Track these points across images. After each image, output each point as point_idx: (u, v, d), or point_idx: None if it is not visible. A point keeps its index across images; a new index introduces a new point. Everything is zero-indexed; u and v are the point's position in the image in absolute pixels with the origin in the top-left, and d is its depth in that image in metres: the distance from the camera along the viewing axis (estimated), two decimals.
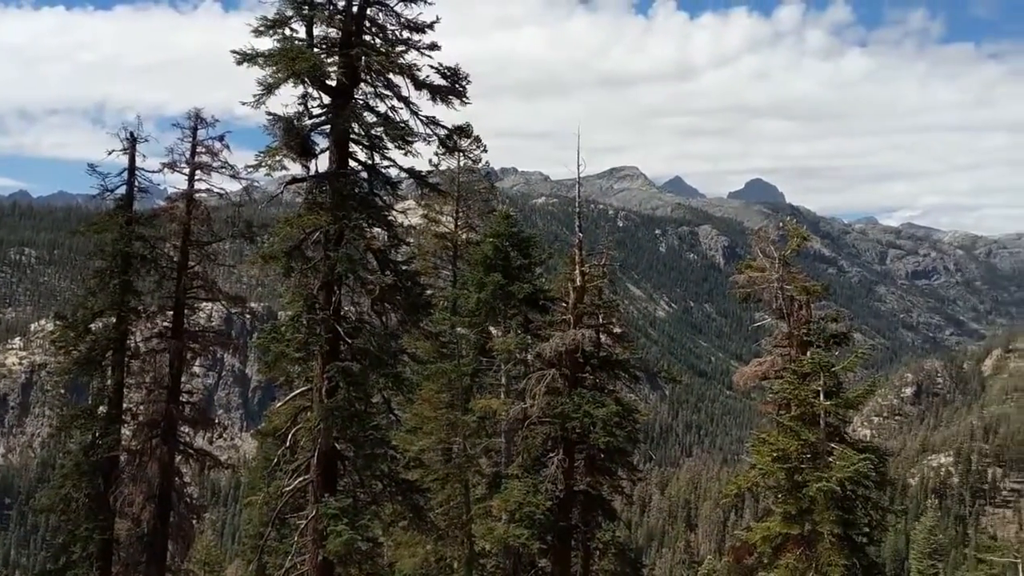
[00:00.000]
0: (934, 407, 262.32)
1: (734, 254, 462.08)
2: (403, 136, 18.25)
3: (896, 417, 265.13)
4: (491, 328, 28.22)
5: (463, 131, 30.17)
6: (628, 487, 26.25)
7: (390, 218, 18.94)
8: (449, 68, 18.36)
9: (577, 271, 24.05)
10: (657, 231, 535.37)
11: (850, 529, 18.25)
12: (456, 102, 18.54)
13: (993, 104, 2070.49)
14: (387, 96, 18.47)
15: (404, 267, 19.24)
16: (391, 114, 18.45)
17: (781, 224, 25.53)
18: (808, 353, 19.96)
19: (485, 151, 33.08)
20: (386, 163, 18.72)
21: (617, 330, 25.57)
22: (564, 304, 24.60)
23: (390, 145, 18.43)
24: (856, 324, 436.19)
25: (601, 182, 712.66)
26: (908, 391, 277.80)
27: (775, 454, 18.56)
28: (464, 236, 32.83)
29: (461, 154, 32.33)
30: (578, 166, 24.30)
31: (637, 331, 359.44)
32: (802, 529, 18.46)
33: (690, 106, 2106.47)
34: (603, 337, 24.97)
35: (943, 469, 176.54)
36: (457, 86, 18.43)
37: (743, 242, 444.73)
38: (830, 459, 18.25)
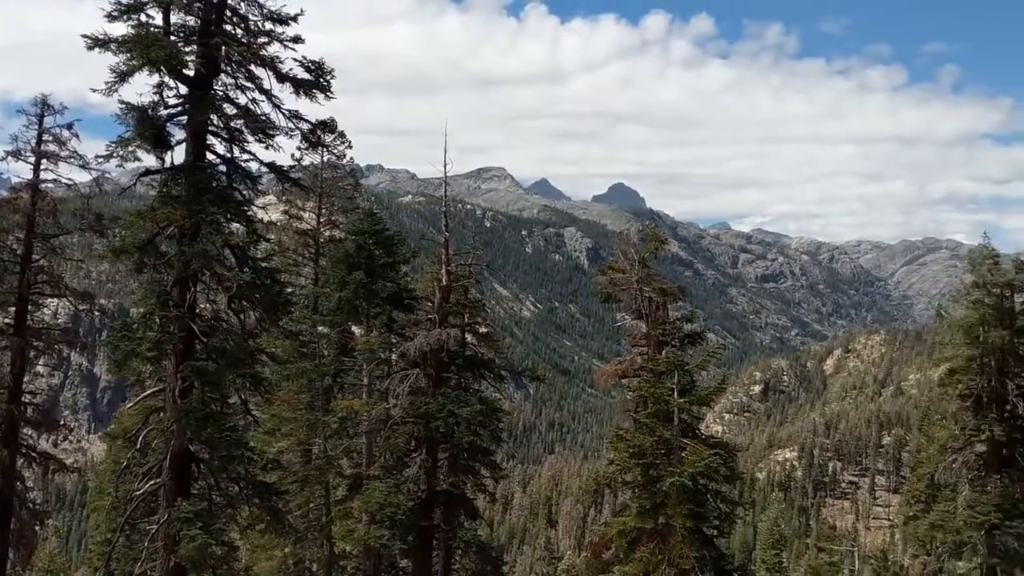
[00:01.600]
0: (780, 404, 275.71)
1: (598, 256, 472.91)
2: (264, 129, 17.79)
3: (746, 414, 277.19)
4: (354, 327, 27.89)
5: (327, 126, 29.62)
6: (491, 485, 26.39)
7: (249, 213, 18.42)
8: (313, 62, 17.97)
9: (443, 270, 24.01)
10: (524, 232, 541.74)
11: (701, 522, 18.95)
12: (320, 96, 18.18)
13: (840, 117, 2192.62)
14: (248, 88, 17.95)
15: (263, 264, 18.72)
16: (252, 106, 17.93)
17: (641, 228, 26.32)
18: (664, 352, 20.62)
19: (350, 147, 32.63)
20: (246, 156, 18.21)
21: (483, 329, 25.67)
22: (429, 303, 24.53)
23: (250, 138, 17.92)
24: (710, 324, 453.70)
25: (468, 182, 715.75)
26: (757, 389, 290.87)
27: (631, 450, 19.09)
28: (327, 233, 32.28)
29: (325, 149, 31.78)
30: (445, 165, 24.25)
31: (503, 331, 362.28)
32: (656, 523, 19.04)
33: (559, 109, 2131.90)
34: (469, 336, 25.02)
35: (788, 463, 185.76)
36: (321, 80, 18.07)
37: (606, 244, 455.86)
38: (683, 455, 18.90)
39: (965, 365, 26.43)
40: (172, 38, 17.06)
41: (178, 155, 17.61)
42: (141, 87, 16.80)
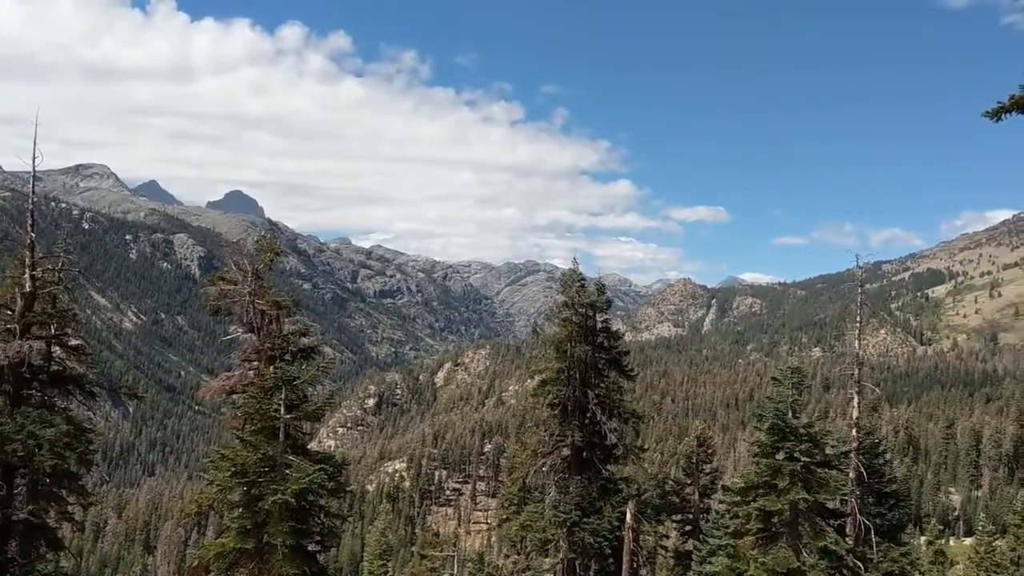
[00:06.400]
0: (393, 416, 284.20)
1: (211, 265, 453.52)
2: None
3: (360, 427, 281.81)
4: None
5: None
6: (79, 513, 24.11)
7: None
8: None
9: (27, 275, 21.58)
10: (128, 236, 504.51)
11: (303, 538, 18.90)
12: None
13: (465, 145, 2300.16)
14: None
15: None
16: None
17: (258, 239, 25.69)
18: (273, 367, 20.38)
19: None
20: None
21: (73, 342, 23.43)
22: (9, 312, 21.91)
23: None
24: (327, 339, 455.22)
25: (65, 179, 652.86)
26: (371, 402, 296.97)
27: (234, 469, 18.57)
28: None
29: None
30: (33, 157, 21.82)
31: (100, 343, 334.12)
32: (258, 542, 18.67)
33: (182, 109, 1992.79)
34: (56, 349, 22.71)
35: (397, 474, 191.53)
36: None
37: (221, 254, 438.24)
38: (288, 471, 18.77)
39: (555, 376, 29.16)
40: None
41: None
42: None
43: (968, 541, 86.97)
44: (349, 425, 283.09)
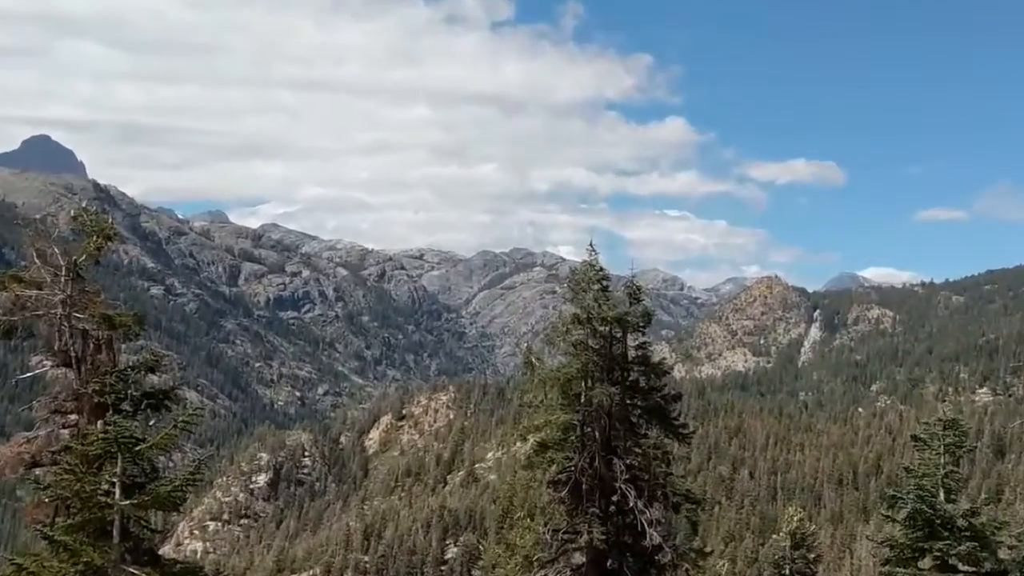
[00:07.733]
0: (298, 502, 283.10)
1: (0, 258, 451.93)
2: None
3: (244, 520, 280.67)
4: None
5: None
6: None
7: None
8: None
9: None
10: None
11: None
12: None
13: (417, 62, 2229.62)
14: None
15: None
16: None
17: (77, 213, 25.54)
18: (102, 423, 20.33)
19: None
20: None
21: None
22: None
23: None
24: (190, 376, 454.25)
25: None
26: (263, 479, 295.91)
27: None
28: None
29: None
30: None
31: None
32: None
33: None
34: None
35: None
36: None
37: (16, 240, 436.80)
38: None
39: (561, 437, 29.02)
40: None
41: None
42: None
43: None
44: (227, 517, 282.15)
